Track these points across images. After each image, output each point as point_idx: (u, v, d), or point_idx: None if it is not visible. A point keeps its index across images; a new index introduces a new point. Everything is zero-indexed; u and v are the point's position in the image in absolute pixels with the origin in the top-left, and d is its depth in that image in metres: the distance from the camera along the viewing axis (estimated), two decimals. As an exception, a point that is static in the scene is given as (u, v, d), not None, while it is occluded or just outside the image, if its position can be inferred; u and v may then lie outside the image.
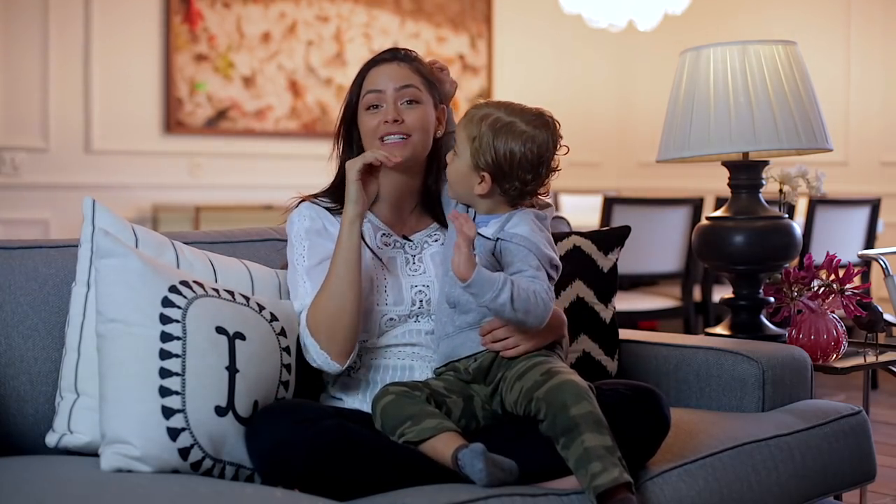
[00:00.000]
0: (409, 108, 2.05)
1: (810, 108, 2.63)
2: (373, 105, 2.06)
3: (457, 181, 1.98)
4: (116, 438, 1.69)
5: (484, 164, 1.92)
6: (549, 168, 1.95)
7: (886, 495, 3.22)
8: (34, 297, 1.92)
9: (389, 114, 2.03)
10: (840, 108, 6.39)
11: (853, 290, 2.63)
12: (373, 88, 2.06)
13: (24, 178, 5.52)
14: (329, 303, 1.92)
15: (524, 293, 1.81)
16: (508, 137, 1.91)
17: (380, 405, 1.84)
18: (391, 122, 2.03)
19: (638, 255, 4.39)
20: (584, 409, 1.71)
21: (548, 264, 1.91)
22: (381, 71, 2.08)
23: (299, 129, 6.36)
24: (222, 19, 6.08)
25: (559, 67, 7.46)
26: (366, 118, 2.07)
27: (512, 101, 1.99)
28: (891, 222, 5.80)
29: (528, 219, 1.94)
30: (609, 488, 1.65)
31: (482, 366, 1.90)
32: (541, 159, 1.92)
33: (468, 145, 1.93)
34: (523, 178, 1.92)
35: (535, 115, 1.94)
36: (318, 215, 2.06)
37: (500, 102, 1.97)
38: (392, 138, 2.03)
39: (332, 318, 1.91)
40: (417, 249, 2.10)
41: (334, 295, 1.91)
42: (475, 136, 1.92)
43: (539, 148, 1.92)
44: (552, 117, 1.96)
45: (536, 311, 1.84)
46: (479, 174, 1.93)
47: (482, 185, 1.93)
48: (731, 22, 6.92)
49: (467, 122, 1.95)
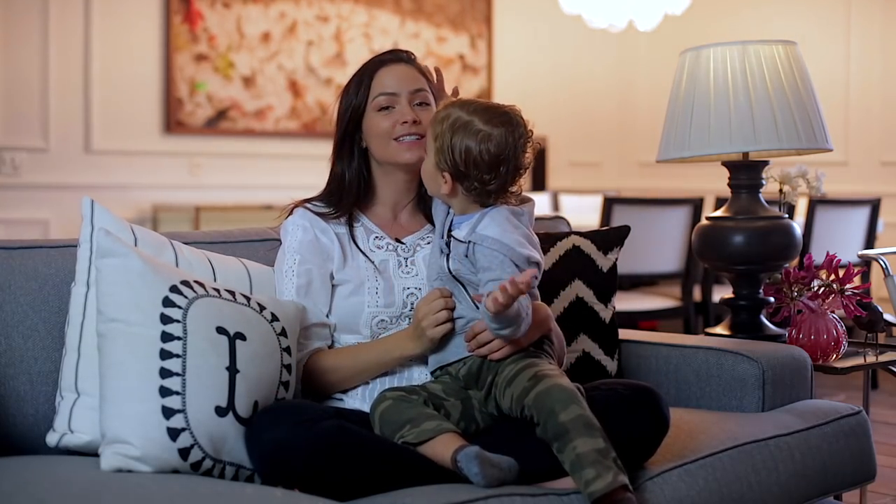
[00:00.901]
0: (422, 110, 2.09)
1: (810, 108, 2.63)
2: (385, 106, 2.07)
3: (427, 181, 2.00)
4: (116, 438, 1.69)
5: (444, 165, 1.92)
6: (512, 167, 1.91)
7: (886, 495, 3.22)
8: (34, 297, 1.92)
9: (407, 115, 2.06)
10: (840, 108, 6.39)
11: (853, 290, 2.63)
12: (386, 91, 2.08)
13: (24, 178, 5.52)
14: (331, 377, 1.99)
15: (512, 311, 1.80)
16: (464, 136, 1.89)
17: (378, 411, 1.84)
18: (410, 123, 2.06)
19: (638, 255, 4.39)
20: (573, 414, 1.70)
21: (524, 263, 1.88)
22: (392, 73, 2.09)
23: (299, 129, 6.36)
24: (222, 19, 6.08)
25: (559, 67, 7.46)
26: (377, 119, 2.08)
27: (481, 99, 1.97)
28: (891, 222, 5.80)
29: (501, 218, 1.91)
30: (605, 493, 1.65)
31: (471, 370, 1.90)
32: (498, 158, 1.89)
33: (433, 144, 1.94)
34: (481, 177, 1.90)
35: (498, 113, 1.91)
36: (312, 224, 2.07)
37: (465, 101, 1.95)
38: (408, 138, 2.06)
39: (324, 386, 1.98)
40: (410, 252, 2.10)
41: (342, 379, 1.99)
42: (437, 134, 1.92)
43: (497, 147, 1.88)
44: (519, 115, 1.93)
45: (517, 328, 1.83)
46: (442, 174, 1.93)
47: (446, 185, 1.93)
48: (731, 22, 6.92)
49: (433, 122, 1.95)
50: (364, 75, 2.11)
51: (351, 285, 2.04)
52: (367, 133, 2.10)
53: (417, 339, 1.92)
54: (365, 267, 2.05)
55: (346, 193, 2.11)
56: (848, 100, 6.43)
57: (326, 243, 2.06)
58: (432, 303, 1.90)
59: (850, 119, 6.41)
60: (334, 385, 1.99)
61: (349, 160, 2.12)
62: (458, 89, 2.20)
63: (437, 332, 1.89)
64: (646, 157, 7.27)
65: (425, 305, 1.90)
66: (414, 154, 2.06)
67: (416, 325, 1.92)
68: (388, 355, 1.96)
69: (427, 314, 1.90)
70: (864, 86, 6.41)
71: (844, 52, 6.47)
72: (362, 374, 1.98)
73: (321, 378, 1.99)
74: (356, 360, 1.99)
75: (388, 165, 2.11)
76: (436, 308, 1.89)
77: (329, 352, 2.03)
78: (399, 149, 2.07)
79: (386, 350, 1.96)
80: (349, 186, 2.11)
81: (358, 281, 2.03)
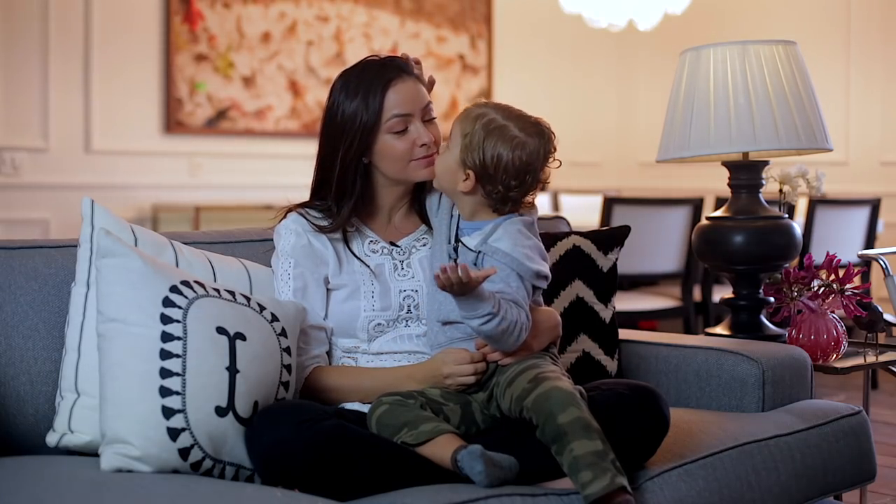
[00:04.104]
0: (431, 125, 2.06)
1: (810, 108, 2.63)
2: (400, 130, 2.02)
3: (443, 174, 1.97)
4: (116, 438, 1.69)
5: (471, 163, 1.91)
6: (535, 178, 1.93)
7: (886, 495, 3.22)
8: (34, 297, 1.92)
9: (425, 137, 2.02)
10: (840, 108, 6.39)
11: (853, 290, 2.63)
12: (400, 112, 2.01)
13: (24, 178, 5.52)
14: (332, 395, 1.97)
15: (504, 323, 1.81)
16: (499, 140, 1.89)
17: (375, 416, 1.84)
18: (430, 145, 2.03)
19: (638, 255, 4.39)
20: (571, 416, 1.70)
21: (532, 277, 1.90)
22: (404, 91, 2.02)
23: (299, 129, 6.36)
24: (222, 19, 6.08)
25: (559, 67, 7.46)
26: (392, 141, 2.02)
27: (513, 106, 1.96)
28: (891, 222, 5.80)
29: (514, 230, 1.92)
30: (602, 495, 1.65)
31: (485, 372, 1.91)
32: (528, 167, 1.90)
33: (460, 140, 1.93)
34: (508, 183, 1.90)
35: (531, 122, 1.93)
36: (304, 229, 2.05)
37: (499, 105, 1.96)
38: (426, 158, 2.03)
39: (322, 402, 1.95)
40: (405, 255, 2.09)
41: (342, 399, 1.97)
42: (468, 132, 1.91)
43: (528, 156, 1.90)
44: (549, 128, 1.94)
45: (507, 342, 1.85)
46: (465, 171, 1.92)
47: (466, 183, 1.92)
48: (731, 22, 6.92)
49: (464, 118, 1.94)
50: (371, 90, 2.01)
51: (347, 290, 2.03)
52: (379, 153, 2.03)
53: (428, 383, 1.91)
54: (360, 272, 2.04)
55: (345, 206, 2.05)
56: (848, 100, 6.43)
57: (320, 248, 2.05)
58: (463, 366, 1.88)
59: (850, 119, 6.41)
60: (333, 402, 1.97)
61: (353, 176, 2.04)
62: (433, 78, 2.16)
63: (455, 386, 1.90)
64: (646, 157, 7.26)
65: (453, 364, 1.89)
66: (430, 171, 2.03)
67: (435, 373, 1.91)
68: (393, 388, 1.93)
69: (453, 374, 1.89)
70: (864, 86, 6.40)
71: (844, 52, 6.47)
72: (364, 397, 1.96)
73: (320, 395, 1.98)
74: (359, 384, 1.97)
75: (397, 180, 2.08)
76: (465, 371, 1.88)
77: (331, 370, 2.01)
78: (417, 167, 2.03)
79: (391, 384, 1.93)
80: (349, 199, 2.05)
81: (354, 286, 2.03)
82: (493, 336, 1.83)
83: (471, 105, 1.97)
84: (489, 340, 1.85)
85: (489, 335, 1.83)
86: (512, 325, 1.83)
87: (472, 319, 1.80)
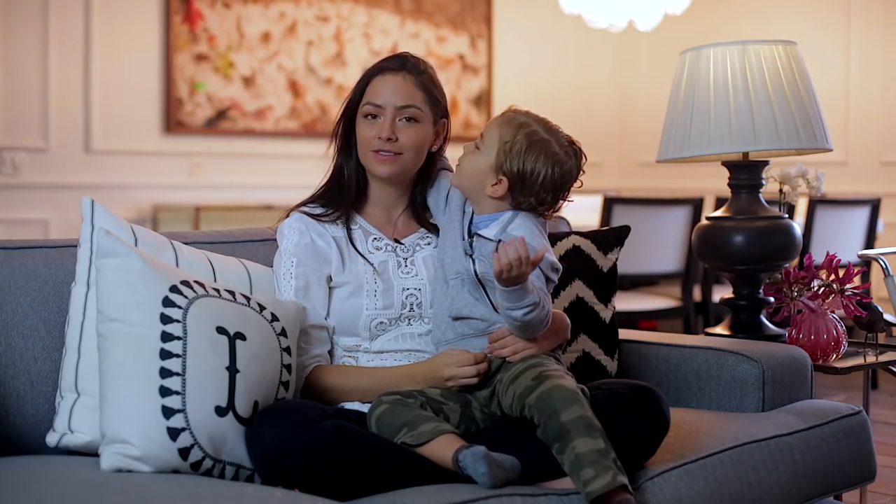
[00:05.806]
0: (407, 126, 2.06)
1: (810, 108, 2.63)
2: (371, 115, 2.06)
3: (470, 175, 1.98)
4: (116, 438, 1.69)
5: (508, 170, 1.93)
6: (565, 196, 1.99)
7: (886, 495, 3.22)
8: (34, 297, 1.92)
9: (385, 131, 2.04)
10: (840, 108, 6.39)
11: (853, 290, 2.63)
12: (374, 101, 2.06)
13: (24, 178, 5.52)
14: (332, 395, 1.97)
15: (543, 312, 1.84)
16: (541, 154, 1.93)
17: (374, 415, 1.84)
18: (384, 140, 2.04)
19: (638, 255, 4.39)
20: (574, 415, 1.70)
21: (549, 269, 1.93)
22: (386, 83, 2.06)
23: (299, 129, 6.36)
24: (222, 19, 6.08)
25: (559, 67, 7.46)
26: (363, 126, 2.07)
27: (549, 119, 2.00)
28: (891, 222, 5.80)
29: (530, 222, 1.95)
30: (603, 493, 1.65)
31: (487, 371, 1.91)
32: (563, 185, 1.96)
33: (497, 145, 1.94)
34: (542, 197, 1.94)
35: (568, 141, 1.98)
36: (307, 227, 2.07)
37: (539, 117, 1.99)
38: (384, 153, 2.05)
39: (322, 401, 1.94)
40: (409, 252, 2.10)
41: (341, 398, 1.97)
42: (508, 140, 1.93)
43: (564, 175, 1.95)
44: (580, 148, 2.00)
45: (537, 331, 1.88)
46: (498, 177, 1.94)
47: (496, 188, 1.94)
48: (731, 22, 6.92)
49: (504, 123, 1.96)
50: (366, 75, 2.10)
51: (349, 287, 2.03)
52: (357, 137, 2.10)
53: (428, 383, 1.91)
54: (364, 269, 2.04)
55: (344, 191, 2.11)
56: (848, 100, 6.43)
57: (323, 247, 2.06)
58: (465, 368, 1.89)
59: (850, 119, 6.41)
60: (333, 401, 1.98)
61: (347, 156, 2.12)
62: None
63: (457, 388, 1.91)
64: (646, 157, 7.26)
65: (455, 367, 1.89)
66: (386, 169, 2.05)
67: (435, 374, 1.91)
68: (392, 388, 1.93)
69: (455, 377, 1.89)
70: (864, 86, 6.40)
71: (844, 52, 6.47)
72: (364, 397, 1.96)
73: (320, 394, 1.98)
74: (359, 383, 1.97)
75: (369, 172, 2.11)
76: (467, 373, 1.89)
77: (331, 370, 2.01)
78: (374, 160, 2.06)
79: (391, 384, 1.93)
80: (348, 182, 2.11)
81: (357, 283, 2.03)
82: (532, 325, 1.84)
83: (508, 111, 2.00)
84: (519, 330, 1.86)
85: (528, 324, 1.83)
86: (548, 313, 1.86)
87: (516, 310, 1.81)
